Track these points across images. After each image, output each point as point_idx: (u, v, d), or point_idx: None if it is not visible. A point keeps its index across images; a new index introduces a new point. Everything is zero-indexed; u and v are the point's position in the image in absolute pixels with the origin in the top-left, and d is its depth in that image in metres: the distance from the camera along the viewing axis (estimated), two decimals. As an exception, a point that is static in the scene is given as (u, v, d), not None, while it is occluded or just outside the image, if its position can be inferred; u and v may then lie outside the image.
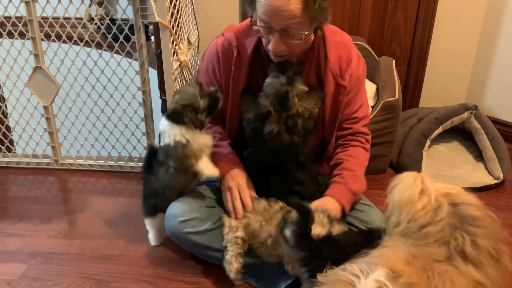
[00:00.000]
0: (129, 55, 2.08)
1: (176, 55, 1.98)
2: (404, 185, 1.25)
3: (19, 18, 2.06)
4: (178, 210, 1.58)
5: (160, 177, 1.61)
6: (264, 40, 1.48)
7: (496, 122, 2.50)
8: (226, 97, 1.63)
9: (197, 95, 1.56)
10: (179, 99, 1.57)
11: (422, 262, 1.13)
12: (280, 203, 1.52)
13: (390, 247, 1.20)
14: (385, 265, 1.09)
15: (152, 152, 1.67)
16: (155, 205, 1.68)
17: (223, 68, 1.61)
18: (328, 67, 1.58)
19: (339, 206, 1.52)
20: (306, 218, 1.30)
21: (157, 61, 1.96)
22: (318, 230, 1.37)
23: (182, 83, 2.10)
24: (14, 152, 2.47)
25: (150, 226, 1.77)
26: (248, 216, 1.52)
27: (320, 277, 1.20)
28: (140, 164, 2.32)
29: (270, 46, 1.45)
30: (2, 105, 2.33)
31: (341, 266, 1.17)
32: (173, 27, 1.90)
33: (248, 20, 1.60)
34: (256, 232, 1.51)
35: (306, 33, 1.40)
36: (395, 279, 1.06)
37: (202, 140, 1.58)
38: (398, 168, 2.29)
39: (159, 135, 2.20)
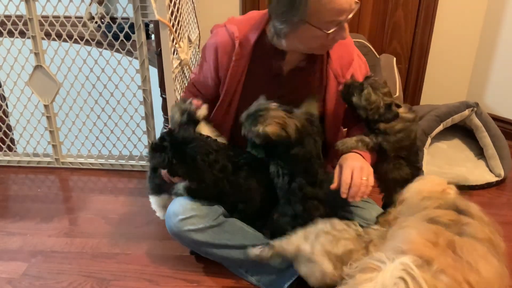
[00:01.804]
0: (129, 53, 2.08)
1: (176, 54, 1.98)
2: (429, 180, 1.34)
3: (20, 17, 2.06)
4: (179, 208, 1.58)
5: None
6: (319, 40, 1.44)
7: (497, 119, 2.50)
8: (222, 88, 1.64)
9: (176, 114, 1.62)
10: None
11: (444, 237, 1.16)
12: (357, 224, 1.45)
13: (413, 228, 1.21)
14: (413, 253, 1.10)
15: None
16: (159, 185, 1.69)
17: (221, 58, 1.61)
18: (330, 66, 1.59)
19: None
20: None
21: (158, 60, 1.96)
22: None
23: (182, 81, 2.10)
24: (15, 151, 2.48)
25: (155, 205, 1.75)
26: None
27: (346, 269, 1.21)
28: (141, 163, 2.33)
29: (339, 37, 1.44)
30: (3, 104, 2.33)
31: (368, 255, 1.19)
32: (173, 25, 1.90)
33: (252, 12, 1.63)
34: None
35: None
36: (426, 267, 1.07)
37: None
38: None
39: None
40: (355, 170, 1.46)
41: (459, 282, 1.07)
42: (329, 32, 1.39)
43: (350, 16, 1.40)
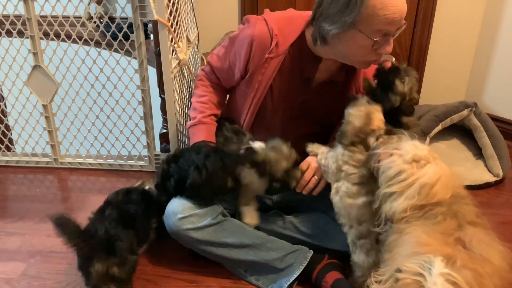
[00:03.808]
0: (128, 53, 2.07)
1: (175, 54, 1.97)
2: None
3: (18, 17, 2.06)
4: (178, 207, 1.58)
5: None
6: (363, 51, 1.44)
7: (495, 119, 2.50)
8: (250, 82, 1.64)
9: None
10: None
11: (451, 237, 1.19)
12: None
13: (420, 231, 1.22)
14: (432, 254, 1.11)
15: None
16: None
17: (254, 52, 1.58)
18: (355, 78, 1.63)
19: None
20: None
21: (156, 60, 1.96)
22: None
23: (181, 81, 2.10)
24: (13, 151, 2.47)
25: None
26: None
27: (375, 286, 1.21)
28: (140, 163, 2.32)
29: (383, 50, 1.43)
30: (1, 104, 2.32)
31: (391, 268, 1.18)
32: (172, 25, 1.89)
33: (293, 11, 1.63)
34: None
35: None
36: (452, 265, 1.09)
37: None
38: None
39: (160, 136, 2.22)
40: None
41: (481, 274, 1.09)
42: (375, 40, 1.38)
43: (398, 32, 1.41)
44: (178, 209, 1.58)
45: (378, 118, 1.41)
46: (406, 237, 1.23)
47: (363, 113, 1.40)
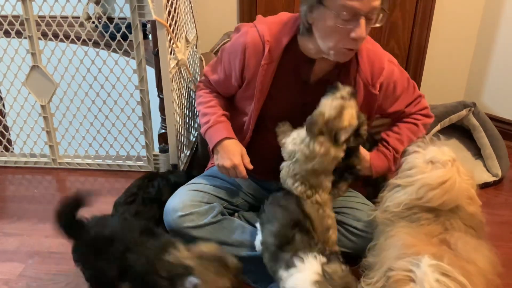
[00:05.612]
0: (126, 53, 2.07)
1: (173, 54, 1.97)
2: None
3: (16, 17, 2.05)
4: (178, 204, 1.58)
5: None
6: (337, 35, 1.39)
7: (494, 119, 2.50)
8: (246, 89, 1.62)
9: None
10: None
11: (436, 237, 1.20)
12: None
13: (404, 233, 1.23)
14: (419, 254, 1.12)
15: None
16: None
17: (248, 60, 1.57)
18: (360, 75, 1.57)
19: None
20: None
21: (155, 60, 1.96)
22: None
23: (179, 81, 2.10)
24: (12, 152, 2.47)
25: None
26: None
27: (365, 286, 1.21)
28: (139, 163, 2.32)
29: (355, 34, 1.36)
30: (-1, 104, 2.32)
31: (380, 271, 1.18)
32: (170, 25, 1.89)
33: (284, 14, 1.60)
34: None
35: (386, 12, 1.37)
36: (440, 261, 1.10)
37: None
38: (397, 167, 2.29)
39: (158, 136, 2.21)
40: None
41: (469, 271, 1.10)
42: (342, 18, 1.33)
43: (373, 16, 1.36)
44: (178, 206, 1.58)
45: (349, 114, 1.36)
46: (392, 240, 1.24)
47: (335, 106, 1.36)
